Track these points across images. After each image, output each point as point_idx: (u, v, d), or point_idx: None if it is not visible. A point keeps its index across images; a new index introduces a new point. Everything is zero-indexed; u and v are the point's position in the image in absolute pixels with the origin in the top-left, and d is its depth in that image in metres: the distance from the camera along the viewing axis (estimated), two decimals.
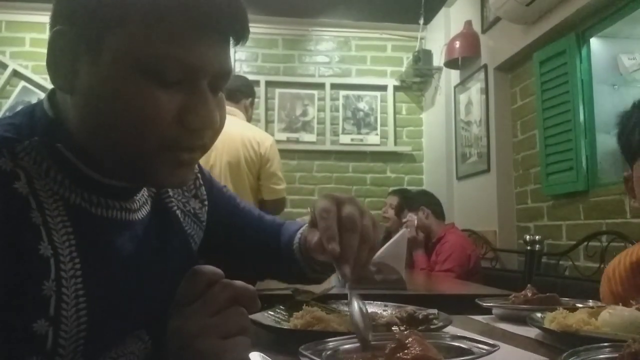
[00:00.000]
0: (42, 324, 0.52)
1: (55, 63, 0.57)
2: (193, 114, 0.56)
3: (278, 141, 2.72)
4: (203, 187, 0.82)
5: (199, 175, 0.82)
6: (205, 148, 0.61)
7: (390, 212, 3.34)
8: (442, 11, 3.92)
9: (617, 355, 0.56)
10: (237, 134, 2.40)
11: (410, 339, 0.55)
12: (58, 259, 0.54)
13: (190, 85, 0.56)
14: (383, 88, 4.27)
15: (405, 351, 0.54)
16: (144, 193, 0.69)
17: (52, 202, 0.56)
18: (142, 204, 0.68)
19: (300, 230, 0.88)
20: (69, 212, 0.57)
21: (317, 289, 0.98)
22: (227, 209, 0.89)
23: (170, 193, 0.75)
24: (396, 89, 4.28)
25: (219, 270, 0.62)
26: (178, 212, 0.75)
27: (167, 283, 0.64)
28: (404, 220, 3.16)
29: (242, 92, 2.61)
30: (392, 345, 0.56)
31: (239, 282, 0.61)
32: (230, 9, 0.57)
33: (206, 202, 0.82)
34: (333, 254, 0.67)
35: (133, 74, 0.54)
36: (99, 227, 0.60)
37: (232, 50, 0.61)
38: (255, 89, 3.18)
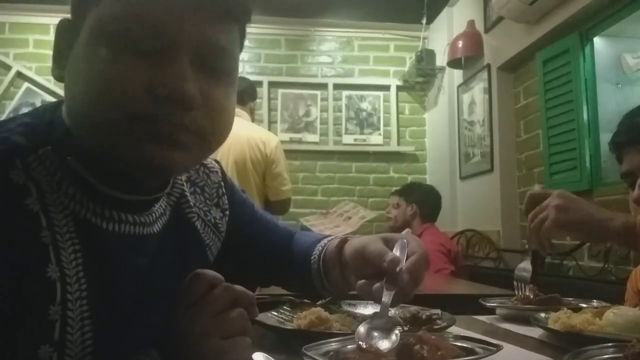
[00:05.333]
0: (47, 350, 0.50)
1: (54, 53, 0.57)
2: (162, 84, 0.52)
3: (281, 142, 2.75)
4: (225, 197, 0.81)
5: (222, 183, 0.81)
6: (191, 130, 0.55)
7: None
8: (445, 11, 3.91)
9: (621, 355, 0.56)
10: (244, 135, 2.46)
11: (425, 337, 0.58)
12: (65, 280, 0.53)
13: (166, 56, 0.53)
14: (386, 88, 4.26)
15: (423, 346, 0.56)
16: (162, 204, 0.67)
17: (62, 217, 0.54)
18: (159, 216, 0.65)
19: (320, 245, 0.90)
20: (78, 229, 0.55)
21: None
22: (247, 218, 0.88)
23: (192, 202, 0.73)
24: (399, 88, 4.26)
25: (219, 275, 0.62)
26: (198, 222, 0.74)
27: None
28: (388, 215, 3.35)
29: (248, 95, 2.70)
30: (407, 342, 0.57)
31: (238, 287, 0.62)
32: None
33: (227, 212, 0.80)
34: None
35: (102, 42, 0.52)
36: (110, 244, 0.58)
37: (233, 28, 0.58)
38: (258, 89, 3.20)
